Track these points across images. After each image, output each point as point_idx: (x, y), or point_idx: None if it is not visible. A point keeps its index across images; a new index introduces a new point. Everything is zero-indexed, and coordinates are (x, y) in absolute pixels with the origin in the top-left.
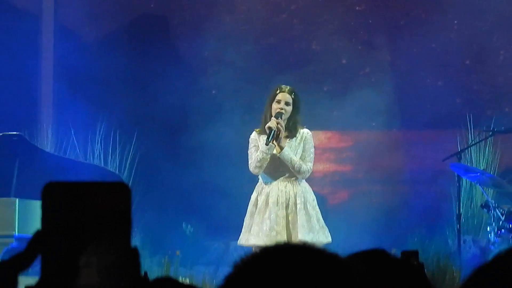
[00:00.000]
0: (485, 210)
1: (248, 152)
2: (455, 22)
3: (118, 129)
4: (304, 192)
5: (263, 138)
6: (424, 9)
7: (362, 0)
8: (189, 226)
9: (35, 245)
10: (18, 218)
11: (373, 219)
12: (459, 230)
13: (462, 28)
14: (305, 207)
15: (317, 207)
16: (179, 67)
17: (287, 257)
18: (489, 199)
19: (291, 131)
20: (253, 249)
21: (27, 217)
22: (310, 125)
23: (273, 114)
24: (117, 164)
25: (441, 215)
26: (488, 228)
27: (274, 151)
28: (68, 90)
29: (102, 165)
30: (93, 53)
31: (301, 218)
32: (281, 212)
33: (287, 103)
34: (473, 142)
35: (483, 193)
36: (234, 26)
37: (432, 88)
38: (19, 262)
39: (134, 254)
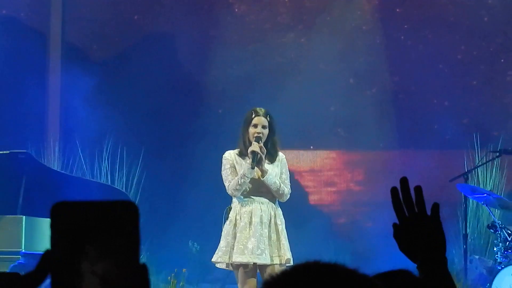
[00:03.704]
0: (491, 230)
1: (223, 173)
2: (463, 43)
3: (125, 147)
4: (280, 214)
5: (241, 160)
6: (432, 30)
7: (368, 20)
8: (195, 244)
9: (45, 264)
10: (25, 235)
11: (380, 239)
12: (465, 250)
13: (470, 49)
14: (283, 228)
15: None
16: (186, 86)
17: (320, 275)
18: (496, 220)
19: (272, 154)
20: (241, 266)
21: (33, 234)
22: (317, 145)
23: (251, 138)
24: (124, 181)
25: (448, 235)
26: (495, 248)
27: (255, 174)
28: (75, 108)
29: (109, 182)
30: (100, 71)
31: (283, 238)
32: (264, 231)
33: (264, 126)
34: (480, 163)
35: (490, 213)
36: (242, 45)
37: (439, 108)
38: (28, 281)
39: (143, 271)
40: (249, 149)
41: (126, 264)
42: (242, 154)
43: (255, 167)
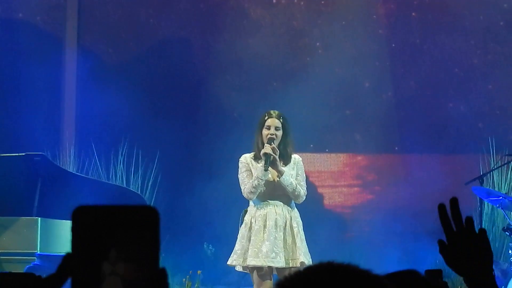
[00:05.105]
0: (507, 233)
1: (239, 176)
2: (478, 47)
3: (140, 150)
4: (297, 217)
5: (256, 164)
6: (447, 35)
7: (384, 24)
8: (210, 246)
9: (65, 268)
10: (40, 236)
11: (396, 241)
12: None
13: (485, 53)
14: (299, 231)
15: (303, 232)
16: (201, 90)
17: (333, 276)
18: (511, 223)
19: (285, 156)
20: (264, 268)
21: (49, 236)
22: (332, 148)
23: (265, 140)
24: (139, 184)
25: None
26: (510, 251)
27: (270, 176)
28: (90, 111)
29: (124, 185)
30: (115, 75)
31: (298, 241)
32: (279, 235)
33: (276, 128)
34: (495, 166)
35: (505, 216)
36: (257, 49)
37: (454, 112)
38: (49, 284)
39: (163, 275)
40: (262, 151)
41: (147, 267)
42: (257, 157)
43: (271, 169)
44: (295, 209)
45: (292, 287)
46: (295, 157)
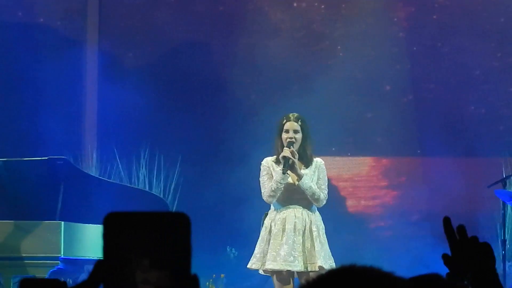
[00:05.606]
0: None
1: (260, 179)
2: (499, 50)
3: (162, 154)
4: (318, 221)
5: (277, 167)
6: (468, 37)
7: (405, 27)
8: (233, 250)
9: (97, 274)
10: (63, 240)
11: (419, 243)
12: (504, 256)
13: (506, 56)
14: (319, 235)
15: (325, 236)
16: (220, 94)
17: (356, 278)
18: None
19: (304, 159)
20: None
21: (72, 239)
22: (354, 151)
23: (285, 144)
24: (162, 188)
25: (486, 241)
26: None
27: (290, 180)
28: (111, 115)
29: (147, 189)
30: (136, 79)
31: (317, 245)
32: (298, 239)
33: (295, 131)
34: None
35: None
36: (276, 53)
37: (475, 115)
38: None
39: (194, 281)
40: (281, 155)
41: (179, 274)
42: (278, 161)
43: (290, 172)
44: (316, 213)
45: None
46: (317, 160)
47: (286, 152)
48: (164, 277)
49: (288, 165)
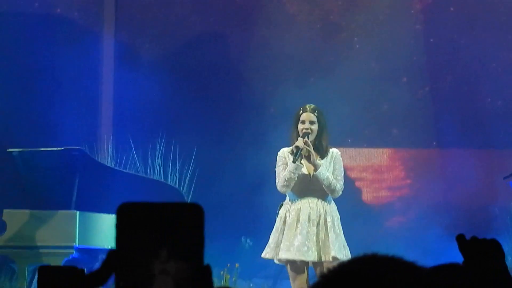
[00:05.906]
0: None
1: (276, 169)
2: None
3: (178, 145)
4: (333, 211)
5: (292, 158)
6: (485, 29)
7: (421, 19)
8: (248, 240)
9: (110, 264)
10: (78, 230)
11: (434, 235)
12: None
13: None
14: (334, 226)
15: (341, 226)
16: (237, 85)
17: (379, 267)
18: None
19: (320, 150)
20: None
21: (87, 229)
22: (370, 143)
23: (300, 134)
24: (177, 179)
25: (501, 232)
26: None
27: (304, 170)
28: (128, 106)
29: (162, 179)
30: (152, 70)
31: (332, 236)
32: (312, 229)
33: (311, 122)
34: None
35: None
36: (294, 44)
37: (492, 107)
38: (94, 280)
39: (207, 272)
40: (294, 145)
41: (192, 264)
42: (292, 153)
43: (307, 163)
44: (332, 204)
45: (337, 278)
46: (334, 151)
47: (299, 142)
48: (182, 268)
49: (299, 155)
